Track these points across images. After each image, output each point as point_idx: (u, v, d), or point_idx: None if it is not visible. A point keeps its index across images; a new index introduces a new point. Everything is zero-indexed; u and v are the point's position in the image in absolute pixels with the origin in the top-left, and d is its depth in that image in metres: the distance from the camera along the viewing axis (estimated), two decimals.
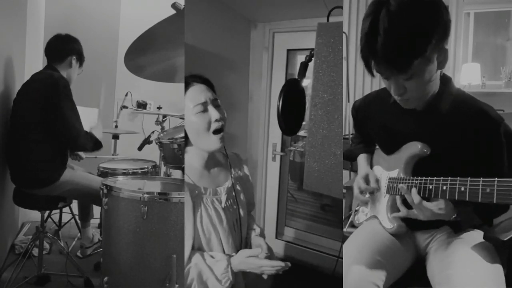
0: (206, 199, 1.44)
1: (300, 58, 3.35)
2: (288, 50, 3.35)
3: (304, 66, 1.48)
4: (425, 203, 1.26)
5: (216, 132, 1.40)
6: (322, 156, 1.39)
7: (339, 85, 1.36)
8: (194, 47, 2.46)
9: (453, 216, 1.28)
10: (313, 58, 1.43)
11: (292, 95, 1.45)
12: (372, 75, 1.23)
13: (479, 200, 1.03)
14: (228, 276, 1.34)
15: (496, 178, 1.00)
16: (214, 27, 2.83)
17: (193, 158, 1.48)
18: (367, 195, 1.61)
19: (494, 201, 0.99)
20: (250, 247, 1.57)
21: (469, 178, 1.08)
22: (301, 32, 3.18)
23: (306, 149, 1.44)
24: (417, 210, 1.29)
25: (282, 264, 1.32)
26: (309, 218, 3.58)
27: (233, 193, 1.53)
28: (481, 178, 1.04)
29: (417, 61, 1.14)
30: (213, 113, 1.39)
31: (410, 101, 1.30)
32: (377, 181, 1.59)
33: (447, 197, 1.15)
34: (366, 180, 1.60)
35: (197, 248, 1.39)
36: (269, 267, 1.33)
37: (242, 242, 1.57)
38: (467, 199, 1.07)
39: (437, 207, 1.25)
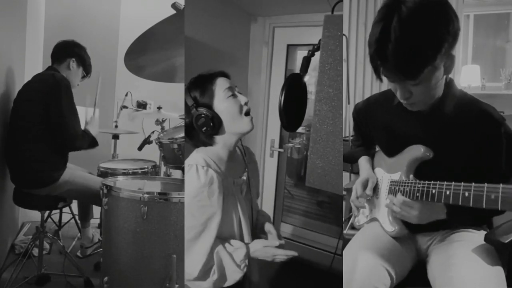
0: (233, 189, 1.52)
1: (300, 53, 3.35)
2: (288, 45, 3.34)
3: (306, 60, 1.46)
4: (407, 201, 1.29)
5: (247, 114, 1.50)
6: (326, 152, 1.37)
7: (342, 80, 1.35)
8: (194, 40, 2.45)
9: (445, 211, 1.30)
10: (316, 53, 1.41)
11: (294, 90, 1.45)
12: (381, 80, 1.23)
13: (484, 206, 1.01)
14: (246, 262, 1.46)
15: (501, 184, 0.98)
16: (214, 21, 2.81)
17: (222, 150, 1.53)
18: (364, 202, 1.63)
19: (499, 208, 0.97)
20: (260, 231, 1.70)
21: (473, 184, 1.06)
22: (302, 27, 3.16)
23: (310, 145, 1.43)
24: (406, 209, 1.31)
25: (295, 253, 1.48)
26: (306, 214, 3.59)
27: (248, 184, 1.64)
28: (486, 184, 1.02)
29: (427, 69, 1.15)
30: (242, 98, 1.50)
31: (416, 104, 1.31)
32: (377, 186, 1.59)
33: (451, 202, 1.13)
34: (365, 185, 1.60)
35: (218, 235, 1.46)
36: (283, 255, 1.48)
37: (253, 228, 1.67)
38: (471, 205, 1.05)
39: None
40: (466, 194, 1.07)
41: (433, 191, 1.20)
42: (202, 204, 1.40)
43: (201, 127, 1.45)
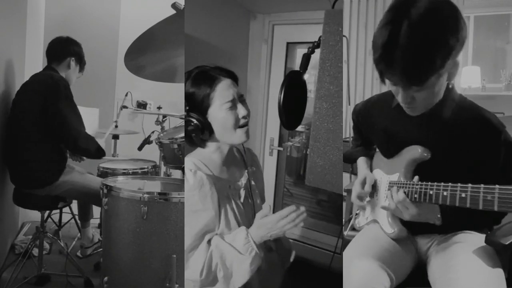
0: (228, 193, 1.42)
1: (300, 51, 3.33)
2: (288, 43, 3.33)
3: (306, 58, 1.43)
4: (406, 202, 1.28)
5: (242, 126, 1.39)
6: (326, 151, 1.36)
7: (342, 77, 1.33)
8: (193, 38, 2.45)
9: (438, 216, 1.29)
10: (316, 50, 1.38)
11: (294, 88, 1.41)
12: (384, 83, 1.21)
13: (480, 208, 1.02)
14: (252, 247, 1.27)
15: (497, 185, 0.98)
16: (213, 18, 2.81)
17: (215, 153, 1.44)
18: (365, 200, 1.62)
19: (495, 209, 0.98)
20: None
21: (469, 185, 1.06)
22: (302, 24, 3.15)
23: (310, 143, 1.41)
24: (402, 208, 1.30)
25: (293, 208, 1.25)
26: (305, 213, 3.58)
27: (249, 189, 1.52)
28: (482, 185, 1.02)
29: (433, 76, 1.13)
30: (241, 111, 1.38)
31: (417, 109, 1.30)
32: (375, 185, 1.58)
33: (448, 203, 1.13)
34: (363, 184, 1.59)
35: None
36: (285, 218, 1.25)
37: None
38: (468, 206, 1.06)
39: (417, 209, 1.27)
40: (463, 195, 1.08)
41: (431, 192, 1.21)
42: (195, 210, 1.30)
43: (191, 132, 1.35)
